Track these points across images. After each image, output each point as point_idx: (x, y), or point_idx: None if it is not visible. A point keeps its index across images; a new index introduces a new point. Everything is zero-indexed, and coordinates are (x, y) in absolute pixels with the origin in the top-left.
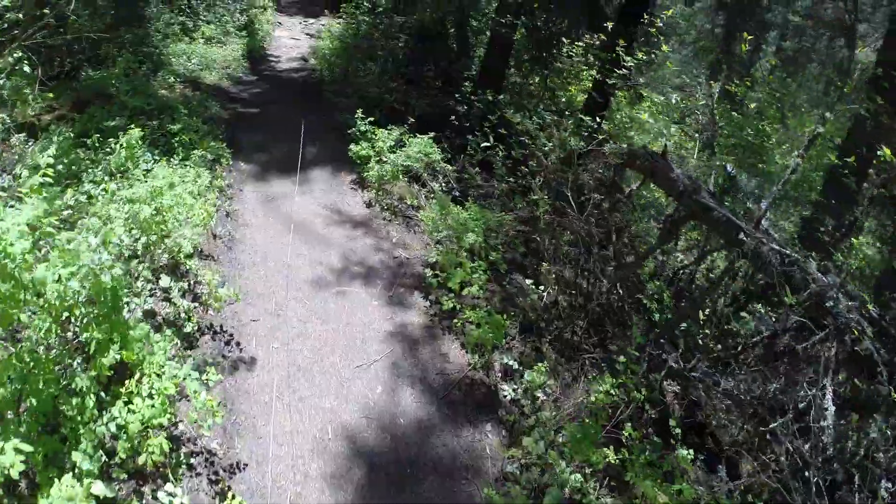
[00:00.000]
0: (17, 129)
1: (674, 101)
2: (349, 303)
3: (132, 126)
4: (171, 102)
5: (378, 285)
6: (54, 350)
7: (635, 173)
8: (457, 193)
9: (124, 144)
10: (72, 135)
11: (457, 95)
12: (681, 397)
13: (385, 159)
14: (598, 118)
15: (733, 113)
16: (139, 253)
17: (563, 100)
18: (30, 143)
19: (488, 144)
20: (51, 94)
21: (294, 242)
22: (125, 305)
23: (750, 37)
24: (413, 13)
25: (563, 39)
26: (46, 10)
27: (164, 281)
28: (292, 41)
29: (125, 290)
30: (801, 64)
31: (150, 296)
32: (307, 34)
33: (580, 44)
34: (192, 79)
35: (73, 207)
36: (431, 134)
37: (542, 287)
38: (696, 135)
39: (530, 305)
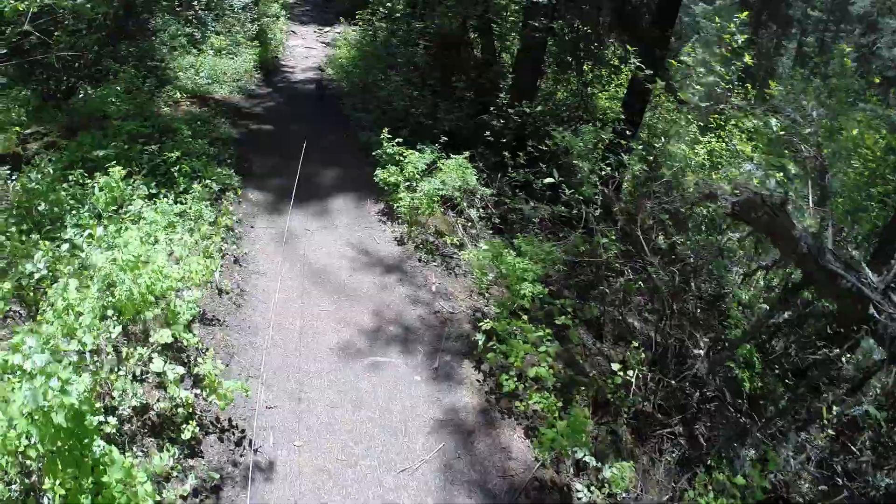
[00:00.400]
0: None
1: (774, 125)
2: (385, 379)
3: (129, 151)
4: (174, 123)
5: (419, 353)
6: None
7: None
8: (496, 220)
9: (102, 186)
10: (56, 168)
11: (492, 109)
12: None
13: (416, 186)
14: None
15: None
16: (119, 335)
17: (600, 109)
18: (11, 178)
19: (553, 181)
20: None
21: (315, 295)
22: (98, 429)
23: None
24: (433, 18)
25: (597, 43)
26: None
27: (157, 364)
28: (307, 50)
29: (96, 408)
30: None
31: (140, 380)
32: (322, 43)
33: (613, 44)
34: (201, 94)
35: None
36: (466, 154)
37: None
38: (806, 174)
39: (601, 375)
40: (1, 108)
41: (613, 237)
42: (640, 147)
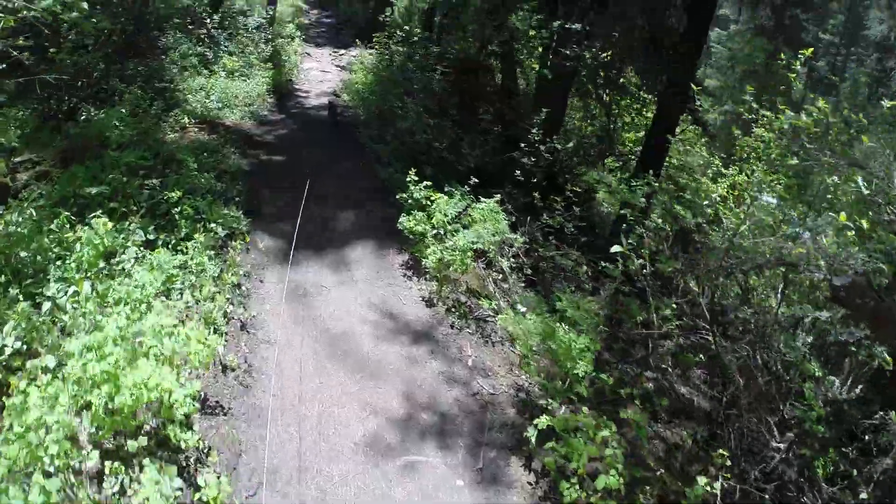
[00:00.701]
0: None
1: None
2: (423, 484)
3: (126, 186)
4: (179, 153)
5: (459, 448)
6: None
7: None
8: (528, 270)
9: (85, 241)
10: (45, 205)
11: (522, 145)
12: None
13: (446, 235)
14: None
15: None
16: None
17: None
18: None
19: (620, 249)
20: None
21: (334, 371)
22: None
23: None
24: (451, 43)
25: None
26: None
27: (149, 474)
28: (322, 74)
29: None
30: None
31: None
32: (338, 66)
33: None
34: (210, 119)
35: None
36: (497, 197)
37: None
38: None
39: (667, 471)
40: None
41: (672, 304)
42: (666, 184)
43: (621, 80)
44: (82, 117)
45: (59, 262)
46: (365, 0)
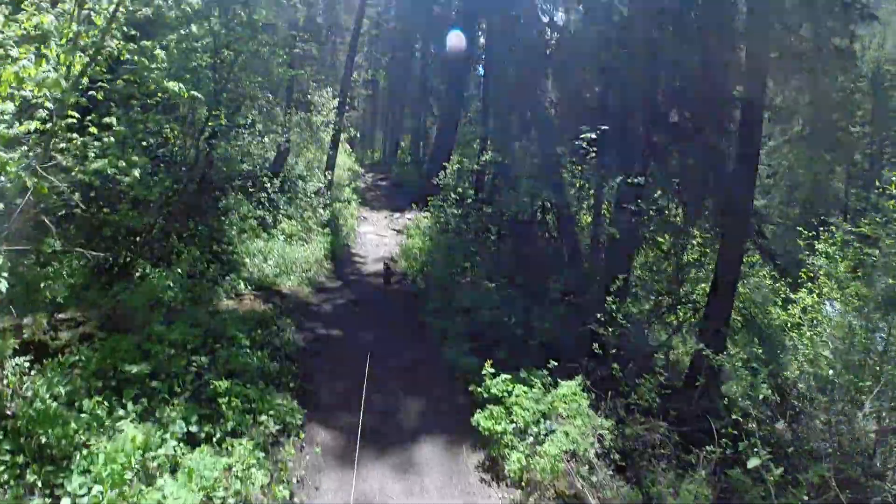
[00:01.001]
0: (21, 348)
1: None
2: None
3: (171, 363)
4: (230, 328)
5: None
6: None
7: None
8: (616, 456)
9: (108, 455)
10: (82, 375)
11: (599, 315)
12: None
13: (527, 432)
14: None
15: None
16: None
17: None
18: (26, 377)
19: (759, 461)
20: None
21: None
22: None
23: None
24: (506, 205)
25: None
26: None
27: None
28: (378, 238)
29: None
30: None
31: None
32: (394, 230)
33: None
34: (267, 285)
35: None
36: (578, 379)
37: None
38: None
39: None
40: (43, 278)
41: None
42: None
43: (688, 227)
44: (137, 274)
45: (85, 452)
46: (418, 164)
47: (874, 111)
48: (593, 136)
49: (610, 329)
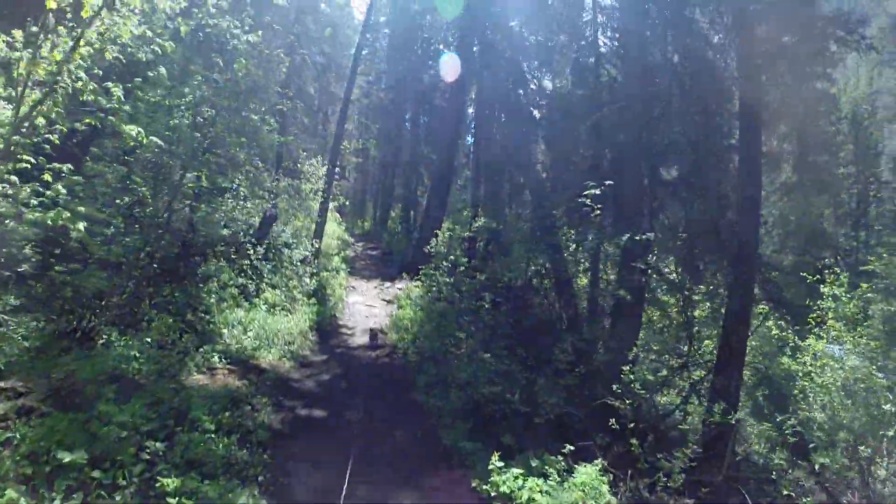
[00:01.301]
0: None
1: None
2: None
3: (119, 449)
4: (198, 408)
5: None
6: None
7: None
8: None
9: None
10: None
11: (615, 387)
12: None
13: None
14: None
15: None
16: None
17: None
18: None
19: None
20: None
21: None
22: None
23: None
24: (499, 270)
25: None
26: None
27: None
28: (367, 308)
29: None
30: None
31: None
32: (384, 300)
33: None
34: (245, 358)
35: None
36: (597, 464)
37: None
38: None
39: None
40: None
41: None
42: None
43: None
44: (101, 341)
45: None
46: (409, 232)
47: (855, 151)
48: (597, 192)
49: (627, 401)
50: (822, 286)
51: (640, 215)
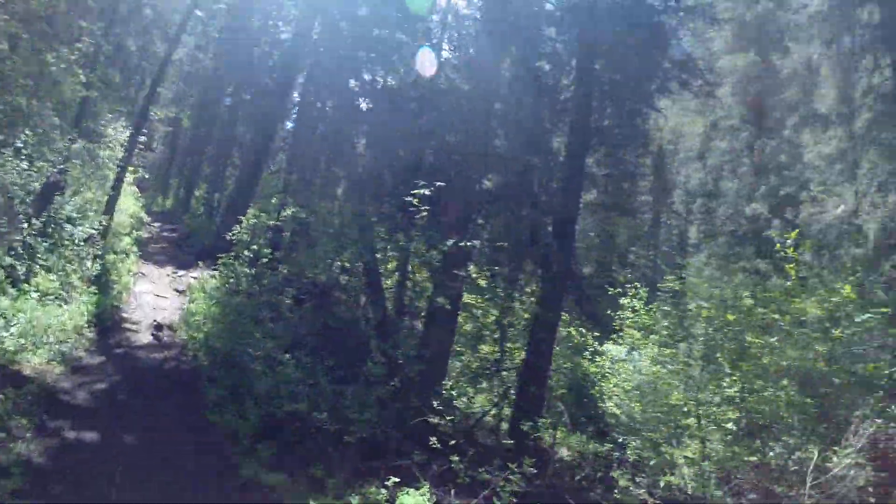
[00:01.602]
0: None
1: None
2: None
3: None
4: None
5: None
6: None
7: None
8: None
9: None
10: None
11: (435, 403)
12: None
13: None
14: None
15: None
16: None
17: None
18: None
19: None
20: None
21: None
22: None
23: None
24: (305, 265)
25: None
26: None
27: None
28: (156, 299)
29: None
30: None
31: None
32: (177, 290)
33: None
34: (4, 363)
35: None
36: (425, 491)
37: None
38: None
39: None
40: None
41: None
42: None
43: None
44: None
45: None
46: (212, 216)
47: (655, 183)
48: (427, 192)
49: (447, 417)
50: (621, 299)
51: (466, 221)
